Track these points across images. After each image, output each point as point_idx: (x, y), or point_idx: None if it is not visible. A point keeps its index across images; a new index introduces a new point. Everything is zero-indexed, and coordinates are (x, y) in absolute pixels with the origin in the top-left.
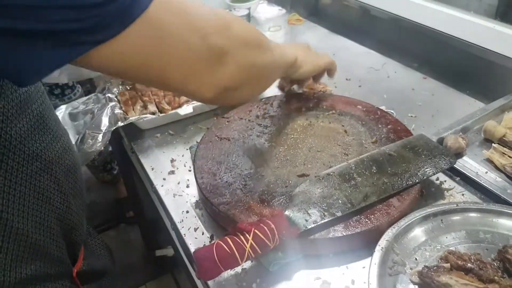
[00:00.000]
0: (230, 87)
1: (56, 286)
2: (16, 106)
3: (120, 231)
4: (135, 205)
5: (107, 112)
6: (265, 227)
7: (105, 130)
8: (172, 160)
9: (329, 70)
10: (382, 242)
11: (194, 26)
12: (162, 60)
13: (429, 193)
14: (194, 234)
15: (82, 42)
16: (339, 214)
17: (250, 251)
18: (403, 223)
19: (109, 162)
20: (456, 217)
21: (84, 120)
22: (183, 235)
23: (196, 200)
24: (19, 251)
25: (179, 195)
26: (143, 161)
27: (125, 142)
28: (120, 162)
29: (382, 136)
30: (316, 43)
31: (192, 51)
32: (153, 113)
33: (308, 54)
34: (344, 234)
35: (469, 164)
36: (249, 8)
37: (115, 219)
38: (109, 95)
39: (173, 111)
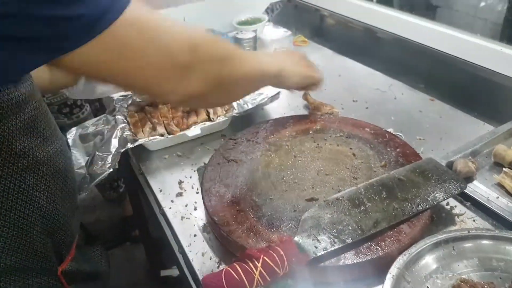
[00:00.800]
0: (196, 96)
1: (39, 281)
2: (7, 108)
3: (125, 250)
4: (141, 224)
5: (116, 134)
6: (274, 254)
7: (115, 151)
8: (180, 182)
9: (313, 85)
10: (393, 270)
11: (159, 43)
12: (125, 70)
13: (439, 218)
14: (202, 259)
15: (54, 48)
16: (349, 241)
17: (259, 278)
18: (414, 250)
19: (115, 180)
20: (468, 244)
21: (94, 142)
22: (191, 260)
23: (204, 224)
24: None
25: (186, 218)
26: (151, 182)
27: (133, 163)
28: (127, 182)
29: (391, 159)
30: (321, 64)
31: (154, 65)
32: (162, 135)
33: (298, 65)
34: (355, 261)
35: (479, 189)
36: (255, 30)
37: (120, 237)
38: (119, 116)
39: (181, 132)
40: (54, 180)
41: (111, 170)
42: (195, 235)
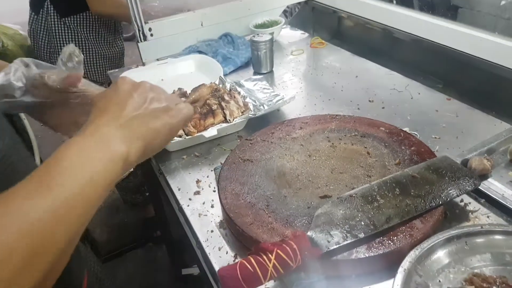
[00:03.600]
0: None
1: None
2: None
3: (147, 250)
4: (162, 225)
5: None
6: (288, 248)
7: None
8: (198, 181)
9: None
10: (405, 264)
11: None
12: None
13: (453, 215)
14: (219, 253)
15: None
16: (361, 235)
17: (273, 270)
18: (426, 245)
19: (142, 185)
20: (481, 239)
21: None
22: (208, 254)
23: (221, 220)
24: None
25: (204, 215)
26: (170, 181)
27: (153, 164)
28: (148, 183)
29: (406, 157)
30: (339, 65)
31: None
32: (180, 136)
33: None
34: (367, 255)
35: (494, 186)
36: (272, 33)
37: (142, 239)
38: None
39: (199, 133)
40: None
41: (131, 169)
42: (212, 231)
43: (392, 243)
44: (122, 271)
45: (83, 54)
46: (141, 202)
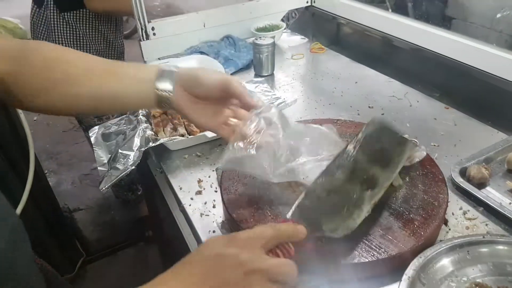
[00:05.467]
0: None
1: None
2: None
3: (138, 250)
4: (156, 225)
5: (139, 133)
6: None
7: (137, 150)
8: (199, 181)
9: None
10: (409, 272)
11: None
12: None
13: (452, 221)
14: None
15: None
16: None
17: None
18: (429, 253)
19: (134, 183)
20: (483, 249)
21: (116, 140)
22: None
23: (222, 221)
24: None
25: (205, 215)
26: (171, 180)
27: (154, 162)
28: (144, 181)
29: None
30: (338, 71)
31: None
32: (182, 135)
33: None
34: (368, 260)
35: (492, 195)
36: (273, 37)
37: (134, 238)
38: (141, 117)
39: (201, 133)
40: None
41: (133, 167)
42: (213, 231)
43: (393, 248)
44: (112, 270)
45: (81, 51)
46: (132, 200)
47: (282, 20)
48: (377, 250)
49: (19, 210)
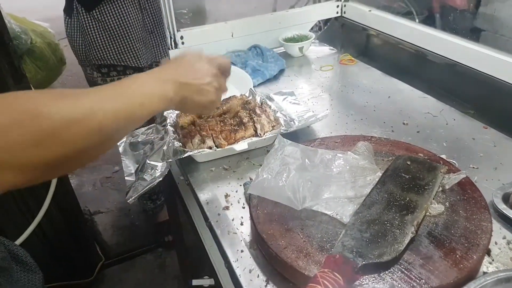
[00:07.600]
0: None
1: None
2: None
3: (157, 256)
4: (176, 231)
5: (167, 143)
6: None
7: (165, 161)
8: (226, 195)
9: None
10: None
11: None
12: None
13: (495, 251)
14: (249, 276)
15: None
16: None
17: None
18: (473, 286)
19: (156, 193)
20: None
21: (144, 150)
22: (239, 276)
23: (251, 240)
24: None
25: (233, 233)
26: (199, 194)
27: (180, 173)
28: (166, 189)
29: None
30: (370, 84)
31: None
32: (210, 147)
33: (199, 74)
34: None
35: None
36: (301, 48)
37: (153, 243)
38: (169, 127)
39: (229, 146)
40: None
41: (160, 178)
42: (242, 251)
43: (435, 279)
44: (130, 276)
45: (119, 44)
46: (150, 210)
47: (311, 30)
48: (417, 281)
49: (42, 212)
